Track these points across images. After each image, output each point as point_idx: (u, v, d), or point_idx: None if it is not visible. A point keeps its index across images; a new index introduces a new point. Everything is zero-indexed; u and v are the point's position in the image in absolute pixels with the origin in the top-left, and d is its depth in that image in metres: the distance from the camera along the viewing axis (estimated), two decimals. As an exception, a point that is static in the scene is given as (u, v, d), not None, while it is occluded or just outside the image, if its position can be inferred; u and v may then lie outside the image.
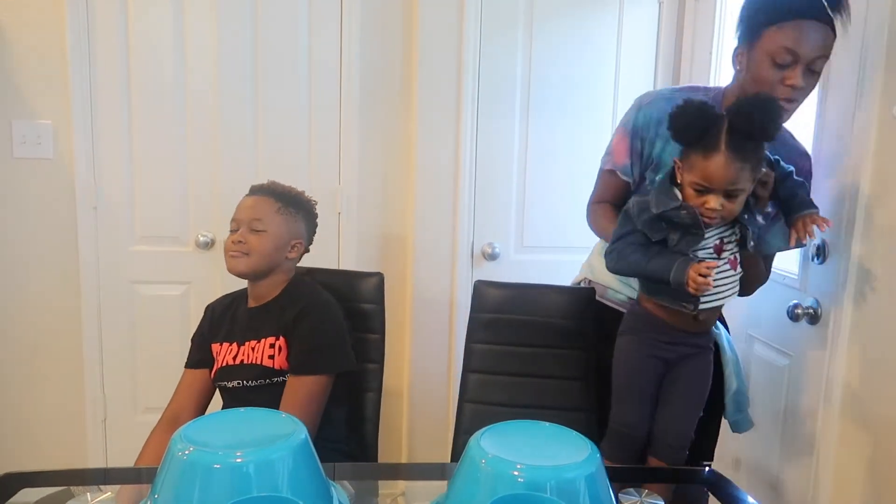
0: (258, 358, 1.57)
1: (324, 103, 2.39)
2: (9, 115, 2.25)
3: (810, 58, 1.39)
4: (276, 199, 1.65)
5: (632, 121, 1.59)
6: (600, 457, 0.98)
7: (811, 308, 1.74)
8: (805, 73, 1.40)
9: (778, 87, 1.40)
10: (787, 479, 1.87)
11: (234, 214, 1.65)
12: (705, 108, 1.31)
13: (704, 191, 1.30)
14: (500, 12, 2.40)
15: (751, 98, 1.31)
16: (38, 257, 2.33)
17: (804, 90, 1.42)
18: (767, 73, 1.40)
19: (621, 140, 1.60)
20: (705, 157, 1.29)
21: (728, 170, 1.27)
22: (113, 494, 1.01)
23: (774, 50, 1.39)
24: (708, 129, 1.29)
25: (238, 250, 1.59)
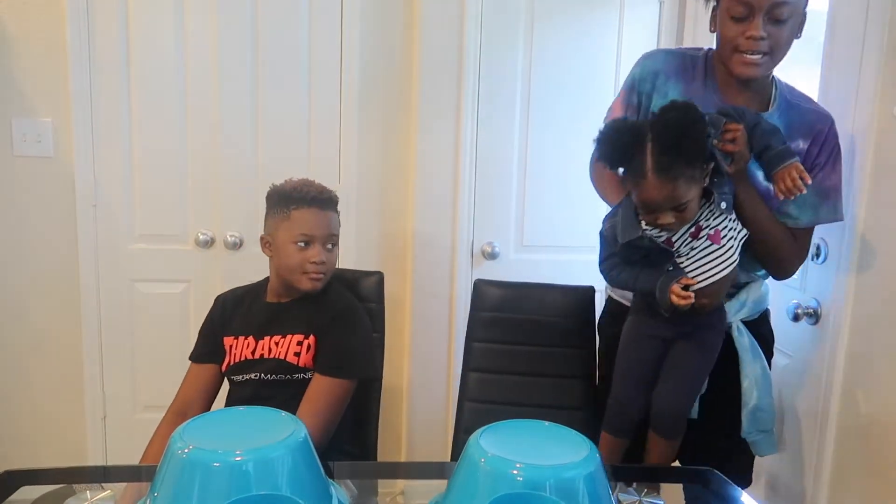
0: (282, 353, 1.57)
1: (324, 102, 2.39)
2: (9, 113, 2.25)
3: (766, 6, 1.32)
4: (335, 211, 1.66)
5: (630, 75, 1.56)
6: (600, 456, 0.98)
7: (811, 308, 1.74)
8: (767, 23, 1.33)
9: (740, 42, 1.36)
10: (787, 478, 1.87)
11: (300, 229, 1.58)
12: (625, 130, 1.30)
13: (651, 209, 1.29)
14: (501, 12, 2.40)
15: (669, 109, 1.28)
16: (38, 255, 2.33)
17: (768, 40, 1.35)
18: (728, 30, 1.37)
19: (620, 95, 1.58)
20: (636, 182, 1.29)
21: (661, 191, 1.26)
22: (112, 492, 1.01)
23: (729, 5, 1.36)
24: (633, 152, 1.27)
25: (321, 271, 1.59)
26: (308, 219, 1.59)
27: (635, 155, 1.27)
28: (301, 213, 1.59)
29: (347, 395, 1.59)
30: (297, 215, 1.59)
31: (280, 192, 1.63)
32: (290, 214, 1.59)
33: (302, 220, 1.59)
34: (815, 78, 1.78)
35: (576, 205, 2.41)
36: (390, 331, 1.97)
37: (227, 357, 1.63)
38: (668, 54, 1.56)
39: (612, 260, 1.42)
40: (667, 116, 1.27)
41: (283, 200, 1.61)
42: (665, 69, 1.51)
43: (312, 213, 1.59)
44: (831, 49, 1.72)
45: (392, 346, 2.20)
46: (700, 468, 1.40)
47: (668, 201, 1.27)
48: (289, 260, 1.58)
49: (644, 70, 1.53)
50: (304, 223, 1.58)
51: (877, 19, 1.56)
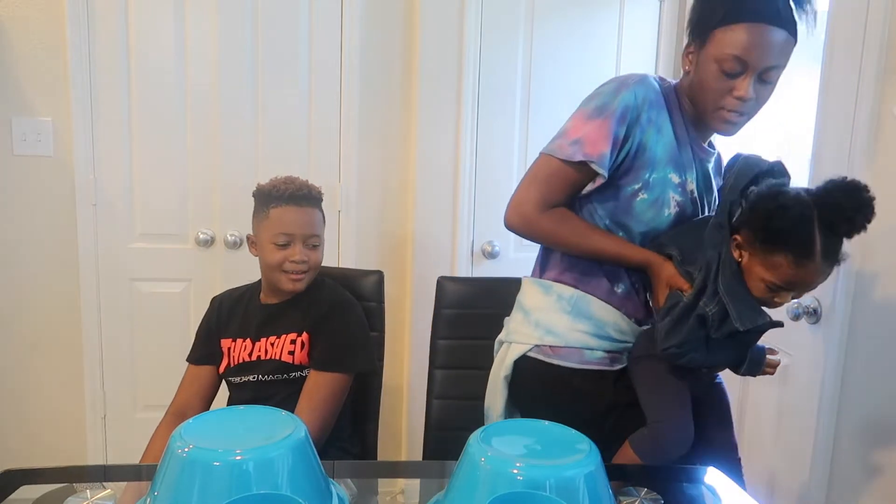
0: (277, 353, 1.57)
1: (324, 101, 2.39)
2: (9, 112, 2.25)
3: (762, 67, 1.24)
4: (318, 208, 1.62)
5: (619, 102, 1.31)
6: (599, 455, 0.98)
7: (811, 308, 1.74)
8: (756, 84, 1.25)
9: (726, 99, 1.27)
10: (786, 478, 1.87)
11: (277, 228, 1.56)
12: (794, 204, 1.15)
13: (778, 290, 1.19)
14: (501, 12, 2.40)
15: (838, 188, 1.15)
16: (37, 254, 2.33)
17: (755, 102, 1.28)
18: (714, 82, 1.27)
19: (600, 125, 1.31)
20: (797, 262, 1.15)
21: (821, 276, 1.17)
22: (113, 491, 1.01)
23: (722, 57, 1.24)
24: (799, 232, 1.14)
25: (301, 270, 1.57)
26: (286, 217, 1.56)
27: (801, 233, 1.14)
28: (279, 211, 1.56)
29: (345, 390, 1.59)
30: (276, 214, 1.56)
31: (261, 190, 1.61)
32: (269, 213, 1.57)
33: (280, 219, 1.56)
34: (815, 78, 1.78)
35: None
36: (390, 331, 1.97)
37: (224, 359, 1.63)
38: (654, 81, 1.36)
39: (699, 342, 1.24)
40: (837, 196, 1.14)
41: (264, 199, 1.60)
42: (657, 98, 1.34)
43: (291, 212, 1.56)
44: (831, 49, 1.72)
45: (392, 346, 2.20)
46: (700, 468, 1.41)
47: (817, 286, 1.19)
48: (270, 259, 1.57)
49: (637, 98, 1.31)
50: (283, 222, 1.56)
51: (877, 19, 1.56)
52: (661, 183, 1.34)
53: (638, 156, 1.32)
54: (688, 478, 1.39)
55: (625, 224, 1.38)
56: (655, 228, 1.36)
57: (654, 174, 1.33)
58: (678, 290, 1.28)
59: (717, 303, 1.21)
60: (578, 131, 1.33)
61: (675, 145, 1.35)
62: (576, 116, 1.36)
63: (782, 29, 1.23)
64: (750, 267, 1.21)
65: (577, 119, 1.35)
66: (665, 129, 1.34)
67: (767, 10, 1.21)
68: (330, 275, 1.78)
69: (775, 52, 1.23)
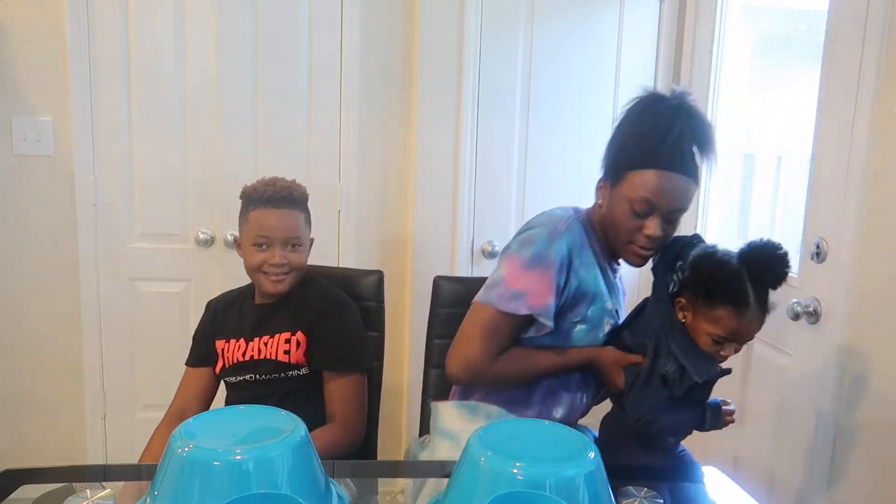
0: (271, 353, 1.58)
1: (324, 101, 2.39)
2: (9, 111, 2.25)
3: (669, 210, 1.35)
4: (300, 210, 1.61)
5: (555, 252, 1.37)
6: (600, 455, 0.98)
7: (811, 308, 1.74)
8: (663, 223, 1.35)
9: (636, 236, 1.37)
10: (786, 477, 1.87)
11: (255, 230, 1.56)
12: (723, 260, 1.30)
13: (723, 341, 1.30)
14: (501, 12, 2.40)
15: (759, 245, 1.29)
16: (37, 254, 2.33)
17: (662, 239, 1.38)
18: (626, 219, 1.36)
19: (541, 276, 1.36)
20: (737, 312, 1.27)
21: (757, 324, 1.29)
22: (113, 491, 1.01)
23: (634, 197, 1.34)
24: (732, 285, 1.27)
25: (281, 272, 1.56)
26: (264, 220, 1.56)
27: (734, 286, 1.27)
28: (258, 213, 1.56)
29: (366, 388, 1.64)
30: (255, 216, 1.57)
31: (245, 192, 1.62)
32: (249, 216, 1.58)
33: (258, 222, 1.56)
34: (815, 78, 1.78)
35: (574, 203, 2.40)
36: (390, 331, 1.97)
37: (219, 360, 1.64)
38: (576, 221, 1.44)
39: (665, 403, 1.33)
40: (760, 253, 1.28)
41: (246, 201, 1.60)
42: (582, 240, 1.43)
43: (269, 214, 1.56)
44: (831, 49, 1.72)
45: (392, 346, 2.20)
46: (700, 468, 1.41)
47: (753, 334, 1.30)
48: (250, 261, 1.58)
49: (570, 245, 1.39)
50: (261, 224, 1.56)
51: (877, 19, 1.56)
52: (599, 313, 1.44)
53: (576, 296, 1.41)
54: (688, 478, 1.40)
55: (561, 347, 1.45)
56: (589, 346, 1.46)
57: (592, 307, 1.42)
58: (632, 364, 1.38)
59: (672, 361, 1.31)
60: (518, 282, 1.38)
61: (601, 276, 1.45)
62: (510, 263, 1.41)
63: (688, 177, 1.35)
64: (695, 325, 1.32)
65: (513, 267, 1.40)
66: (592, 265, 1.43)
67: (676, 160, 1.33)
68: (330, 275, 1.78)
69: (681, 196, 1.35)
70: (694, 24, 2.45)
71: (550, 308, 1.37)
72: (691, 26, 2.46)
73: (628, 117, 1.41)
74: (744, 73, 2.47)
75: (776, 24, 2.72)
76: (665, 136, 1.32)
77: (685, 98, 1.37)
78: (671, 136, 1.32)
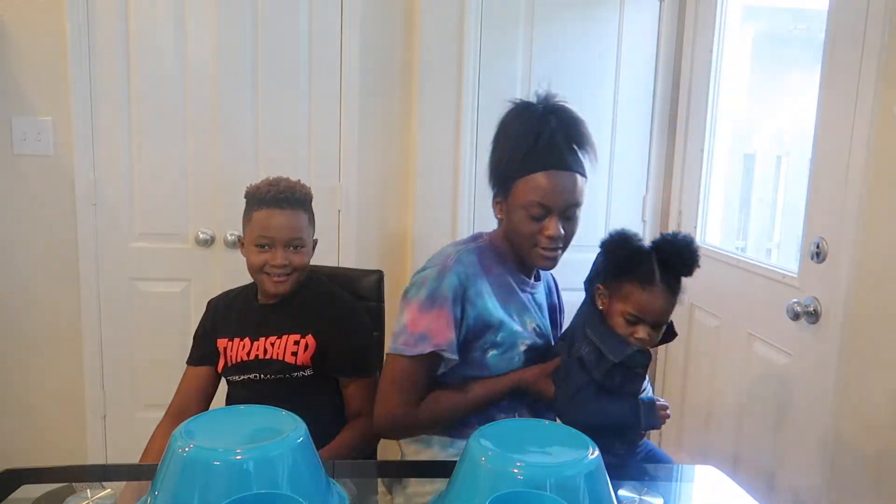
0: (279, 354, 1.57)
1: (324, 101, 2.39)
2: (9, 111, 2.25)
3: (563, 207, 1.36)
4: (303, 210, 1.59)
5: (447, 287, 1.37)
6: (600, 455, 0.98)
7: (811, 308, 1.74)
8: (562, 221, 1.37)
9: (538, 238, 1.38)
10: (786, 476, 1.87)
11: (257, 231, 1.55)
12: (632, 240, 1.36)
13: (635, 321, 1.33)
14: (501, 12, 2.40)
15: (682, 239, 1.35)
16: (37, 254, 2.33)
17: (565, 236, 1.39)
18: (526, 226, 1.38)
19: (438, 314, 1.36)
20: (642, 288, 1.32)
21: (664, 302, 1.33)
22: (113, 491, 1.01)
23: (527, 204, 1.36)
24: (641, 261, 1.33)
25: (283, 273, 1.56)
26: (266, 220, 1.54)
27: (643, 263, 1.33)
28: (261, 214, 1.55)
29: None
30: (258, 217, 1.55)
31: (248, 191, 1.61)
32: (252, 216, 1.57)
33: (260, 222, 1.55)
34: (815, 78, 1.78)
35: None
36: (390, 330, 1.97)
37: (222, 359, 1.64)
38: (467, 253, 1.44)
39: (586, 390, 1.34)
40: (672, 238, 1.35)
41: (248, 201, 1.60)
42: (475, 270, 1.42)
43: (271, 215, 1.54)
44: (831, 49, 1.72)
45: (392, 345, 2.20)
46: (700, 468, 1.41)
47: (663, 314, 1.34)
48: (252, 261, 1.57)
49: (461, 277, 1.39)
50: (262, 225, 1.55)
51: (877, 19, 1.56)
52: (510, 336, 1.43)
53: (478, 326, 1.40)
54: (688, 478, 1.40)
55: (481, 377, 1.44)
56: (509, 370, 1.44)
57: (500, 333, 1.42)
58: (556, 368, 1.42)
59: (588, 344, 1.36)
60: (419, 325, 1.38)
61: (504, 300, 1.44)
62: (409, 308, 1.40)
63: (572, 171, 1.37)
64: (610, 308, 1.37)
65: (412, 311, 1.40)
66: (489, 295, 1.42)
67: (555, 158, 1.36)
68: (330, 274, 1.78)
69: (571, 192, 1.37)
70: (694, 24, 2.45)
71: (452, 342, 1.37)
72: (691, 26, 2.46)
73: (501, 130, 1.44)
74: (744, 73, 2.47)
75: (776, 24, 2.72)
76: (538, 137, 1.36)
77: (551, 100, 1.41)
78: (544, 137, 1.36)
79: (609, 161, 2.55)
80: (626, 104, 2.53)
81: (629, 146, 2.56)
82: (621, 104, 2.53)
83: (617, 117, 2.53)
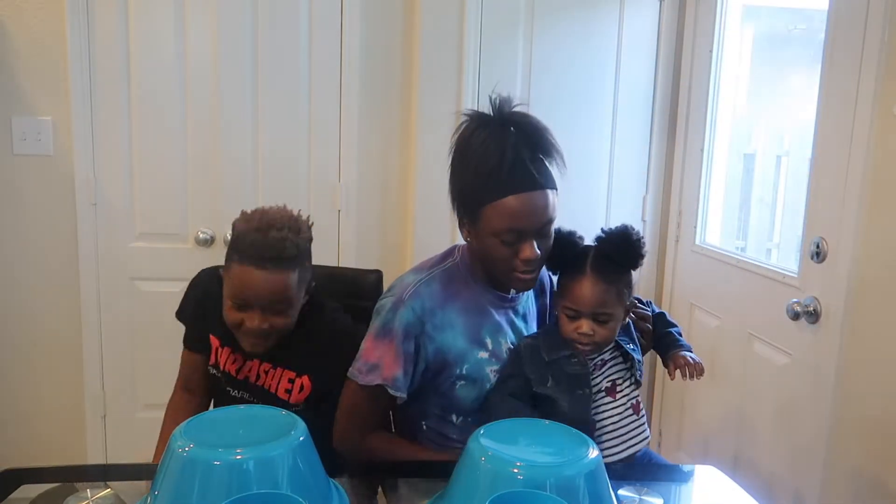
0: (272, 386, 1.44)
1: (324, 101, 2.39)
2: (9, 111, 2.25)
3: (538, 228, 1.28)
4: (292, 269, 1.34)
5: (399, 321, 1.30)
6: (600, 455, 0.98)
7: (810, 308, 1.74)
8: (537, 239, 1.28)
9: (514, 263, 1.29)
10: (786, 476, 1.87)
11: (233, 289, 1.33)
12: (574, 238, 1.34)
13: (576, 315, 1.30)
14: (501, 12, 2.40)
15: (617, 229, 1.31)
16: (37, 254, 2.33)
17: (540, 256, 1.30)
18: (499, 252, 1.28)
19: (388, 347, 1.30)
20: (573, 279, 1.30)
21: (594, 290, 1.28)
22: (113, 490, 1.01)
23: (498, 231, 1.26)
24: (577, 255, 1.32)
25: (261, 336, 1.35)
26: (245, 278, 1.31)
27: (577, 257, 1.32)
28: (239, 270, 1.31)
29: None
30: (236, 271, 1.32)
31: (233, 228, 1.37)
32: (231, 266, 1.34)
33: (239, 278, 1.32)
34: (815, 78, 1.78)
35: (574, 203, 2.40)
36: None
37: (213, 356, 1.50)
38: (427, 283, 1.35)
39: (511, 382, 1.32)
40: (615, 231, 1.32)
41: (231, 243, 1.36)
42: (434, 302, 1.34)
43: (250, 274, 1.30)
44: (831, 49, 1.72)
45: (392, 345, 2.19)
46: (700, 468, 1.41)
47: (597, 303, 1.28)
48: (227, 317, 1.37)
49: (416, 312, 1.31)
50: (241, 282, 1.32)
51: (877, 19, 1.56)
52: (476, 367, 1.35)
53: (438, 360, 1.34)
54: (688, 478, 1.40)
55: (456, 407, 1.38)
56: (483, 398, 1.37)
57: (465, 365, 1.34)
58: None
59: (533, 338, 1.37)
60: (372, 354, 1.33)
61: (473, 326, 1.36)
62: (369, 335, 1.36)
63: (542, 188, 1.27)
64: (557, 307, 1.36)
65: (369, 338, 1.35)
66: (457, 322, 1.35)
67: (523, 178, 1.25)
68: (330, 275, 1.78)
69: (543, 211, 1.27)
70: (694, 24, 2.45)
71: (399, 379, 1.31)
72: (691, 26, 2.46)
73: (459, 150, 1.33)
74: (744, 73, 2.47)
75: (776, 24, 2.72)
76: (502, 158, 1.24)
77: (507, 108, 1.29)
78: (508, 157, 1.24)
79: (609, 161, 2.55)
80: (626, 104, 2.53)
81: (629, 146, 2.56)
82: (621, 104, 2.53)
83: (617, 117, 2.53)
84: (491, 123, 1.28)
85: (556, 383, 1.31)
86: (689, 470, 1.47)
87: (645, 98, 2.55)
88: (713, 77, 2.36)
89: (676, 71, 2.52)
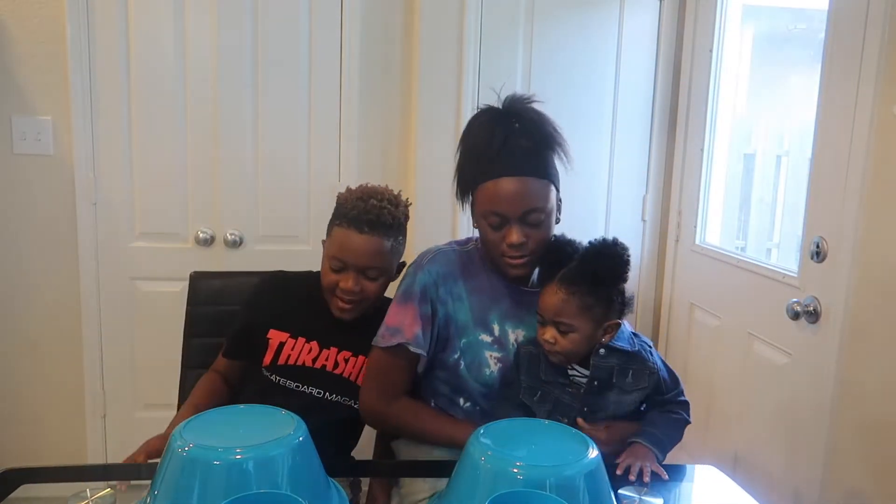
0: (353, 374, 1.47)
1: (324, 101, 2.39)
2: (9, 110, 2.25)
3: (519, 214, 1.30)
4: (387, 236, 1.44)
5: (418, 284, 1.39)
6: (600, 455, 0.98)
7: (810, 307, 1.74)
8: (524, 228, 1.31)
9: (503, 248, 1.33)
10: (785, 476, 1.87)
11: (333, 250, 1.44)
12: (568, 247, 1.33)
13: (542, 321, 1.31)
14: (501, 12, 2.40)
15: (598, 244, 1.30)
16: (37, 253, 2.33)
17: (529, 243, 1.32)
18: (488, 235, 1.34)
19: (408, 309, 1.38)
20: (544, 285, 1.31)
21: (553, 299, 1.28)
22: (112, 490, 1.01)
23: (485, 212, 1.33)
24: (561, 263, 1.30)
25: (352, 300, 1.44)
26: (343, 241, 1.42)
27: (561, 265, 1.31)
28: (340, 232, 1.43)
29: None
30: (337, 234, 1.44)
31: (338, 199, 1.49)
32: (332, 230, 1.46)
33: (338, 241, 1.43)
34: (815, 78, 1.78)
35: (574, 203, 2.40)
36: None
37: (269, 353, 1.47)
38: (447, 253, 1.45)
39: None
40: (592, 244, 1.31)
41: (335, 209, 1.48)
42: (451, 270, 1.41)
43: (351, 237, 1.42)
44: (831, 49, 1.72)
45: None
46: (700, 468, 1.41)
47: (555, 312, 1.27)
48: (323, 279, 1.47)
49: (433, 275, 1.39)
50: (339, 245, 1.43)
51: (877, 19, 1.56)
52: (474, 346, 1.38)
53: (447, 326, 1.40)
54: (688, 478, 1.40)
55: (462, 389, 1.41)
56: (489, 387, 1.39)
57: (464, 339, 1.39)
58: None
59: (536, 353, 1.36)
60: (394, 318, 1.40)
61: (480, 307, 1.40)
62: (392, 304, 1.43)
63: (528, 176, 1.30)
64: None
65: (393, 307, 1.42)
66: (465, 297, 1.40)
67: (506, 164, 1.30)
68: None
69: (527, 197, 1.30)
70: (694, 24, 2.45)
71: (419, 336, 1.37)
72: (691, 26, 2.46)
73: (463, 133, 1.40)
74: (744, 73, 2.47)
75: (776, 24, 2.72)
76: (489, 144, 1.31)
77: (512, 101, 1.34)
78: (495, 143, 1.30)
79: (609, 161, 2.55)
80: (626, 104, 2.53)
81: (629, 146, 2.56)
82: (621, 104, 2.53)
83: (617, 117, 2.53)
84: (497, 112, 1.35)
85: (541, 401, 1.32)
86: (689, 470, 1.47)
87: (645, 98, 2.55)
88: (713, 77, 2.35)
89: (676, 71, 2.52)
